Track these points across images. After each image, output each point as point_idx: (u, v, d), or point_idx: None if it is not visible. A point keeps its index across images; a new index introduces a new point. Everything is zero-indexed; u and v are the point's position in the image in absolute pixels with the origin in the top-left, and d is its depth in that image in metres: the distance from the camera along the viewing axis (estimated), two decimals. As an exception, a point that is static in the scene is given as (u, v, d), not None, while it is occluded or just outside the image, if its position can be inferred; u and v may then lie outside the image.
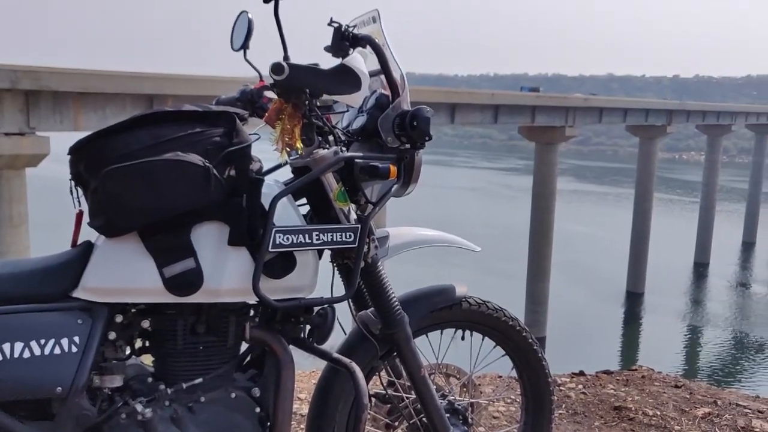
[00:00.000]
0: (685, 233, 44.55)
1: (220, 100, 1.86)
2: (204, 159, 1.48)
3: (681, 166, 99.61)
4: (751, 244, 48.72)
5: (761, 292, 37.63)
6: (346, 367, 1.73)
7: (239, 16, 1.74)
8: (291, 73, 1.49)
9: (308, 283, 1.65)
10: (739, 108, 53.82)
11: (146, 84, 15.11)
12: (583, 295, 34.03)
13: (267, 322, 1.70)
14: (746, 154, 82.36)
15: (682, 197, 67.14)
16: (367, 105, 1.80)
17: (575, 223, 47.37)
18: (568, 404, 3.07)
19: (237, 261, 1.55)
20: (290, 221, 1.61)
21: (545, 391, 2.15)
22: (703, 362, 27.52)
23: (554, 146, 30.20)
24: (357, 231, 1.66)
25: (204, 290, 1.52)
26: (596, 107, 34.85)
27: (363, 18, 1.84)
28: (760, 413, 3.09)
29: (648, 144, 37.24)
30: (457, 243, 2.03)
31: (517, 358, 2.13)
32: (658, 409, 3.06)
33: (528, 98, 30.76)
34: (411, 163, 1.76)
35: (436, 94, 26.86)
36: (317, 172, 1.65)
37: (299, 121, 1.60)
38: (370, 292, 1.82)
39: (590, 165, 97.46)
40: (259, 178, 1.58)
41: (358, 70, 1.56)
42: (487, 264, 38.08)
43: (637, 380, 3.47)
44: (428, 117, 1.68)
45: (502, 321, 2.05)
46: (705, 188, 44.60)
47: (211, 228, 1.54)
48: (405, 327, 1.84)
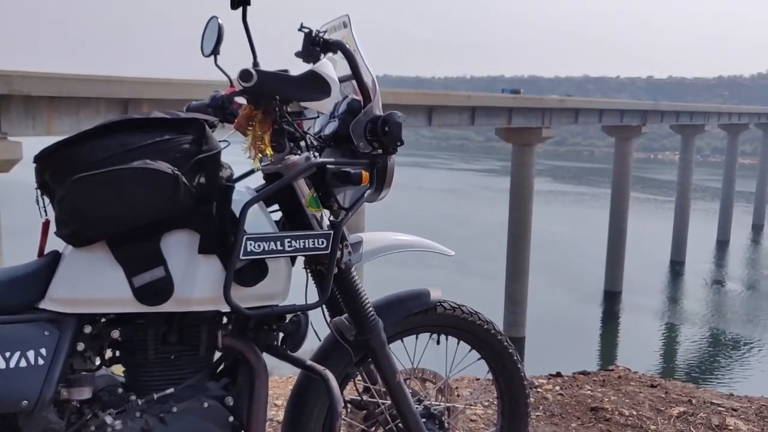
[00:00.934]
0: (661, 232, 45.04)
1: (191, 106, 1.84)
2: (173, 167, 1.46)
3: (656, 165, 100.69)
4: (726, 242, 49.38)
5: (736, 290, 38.14)
6: (319, 374, 1.72)
7: (209, 22, 1.72)
8: (259, 80, 1.48)
9: (281, 290, 1.64)
10: (712, 108, 54.55)
11: (121, 88, 14.97)
12: (562, 295, 34.25)
13: (240, 330, 1.68)
14: (719, 153, 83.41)
15: (658, 196, 67.84)
16: (338, 110, 1.79)
17: (553, 223, 47.68)
18: (545, 406, 3.08)
19: (208, 269, 1.53)
20: (262, 228, 1.59)
21: (521, 394, 2.16)
22: (680, 360, 27.82)
23: (531, 147, 30.39)
24: (329, 237, 1.65)
25: (174, 299, 1.51)
26: (572, 108, 35.14)
27: (334, 23, 1.83)
28: (734, 411, 3.12)
29: (623, 144, 37.60)
30: (432, 248, 2.02)
31: (492, 362, 2.13)
32: (634, 409, 3.08)
33: (504, 100, 30.96)
34: (384, 169, 1.76)
35: (413, 96, 26.94)
36: (289, 178, 1.64)
37: (270, 127, 1.59)
38: (344, 298, 1.81)
39: (567, 165, 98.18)
40: (229, 185, 1.56)
41: (327, 76, 1.55)
42: (466, 265, 38.21)
43: (613, 380, 3.49)
44: (400, 122, 1.68)
45: (477, 324, 2.05)
46: (680, 187, 45.11)
47: (181, 236, 1.52)
48: (379, 333, 1.83)
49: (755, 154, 74.07)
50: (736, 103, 78.85)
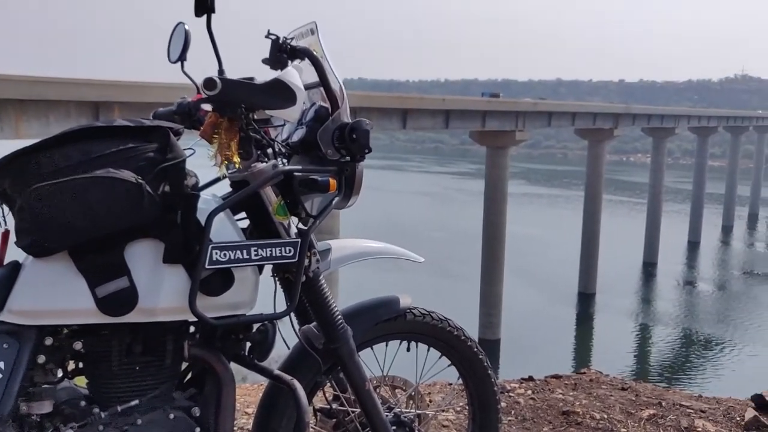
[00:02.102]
0: (633, 233, 45.57)
1: (157, 113, 1.81)
2: (137, 175, 1.43)
3: (628, 167, 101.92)
4: (697, 243, 50.11)
5: (707, 290, 38.70)
6: (287, 384, 1.70)
7: (176, 28, 1.70)
8: (224, 88, 1.46)
9: (248, 299, 1.62)
10: (682, 111, 55.38)
11: (92, 91, 14.79)
12: (536, 297, 34.49)
13: (207, 339, 1.66)
14: (690, 156, 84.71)
15: (630, 198, 68.64)
16: (306, 117, 1.78)
17: (527, 225, 48.01)
18: (517, 410, 3.09)
19: (173, 279, 1.51)
20: (228, 236, 1.57)
21: (491, 400, 2.16)
22: (654, 361, 28.14)
23: (505, 150, 30.59)
24: (297, 245, 1.64)
25: (139, 310, 1.48)
26: (545, 111, 35.45)
27: (301, 30, 1.82)
28: (702, 413, 3.15)
29: (596, 147, 38.01)
30: (401, 254, 2.02)
31: (462, 368, 2.12)
32: (605, 412, 3.10)
33: (478, 103, 31.14)
34: (352, 176, 1.75)
35: (388, 99, 26.99)
36: (255, 185, 1.62)
37: (236, 134, 1.57)
38: (313, 306, 1.80)
39: (541, 168, 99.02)
40: (194, 194, 1.54)
41: (292, 84, 1.53)
42: (441, 268, 38.32)
43: (585, 384, 3.51)
44: (367, 130, 1.67)
45: (447, 331, 2.04)
46: (651, 189, 45.70)
47: (145, 246, 1.50)
48: (348, 340, 1.82)
49: (724, 156, 75.42)
50: (705, 107, 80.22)
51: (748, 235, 57.34)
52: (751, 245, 53.46)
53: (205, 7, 1.50)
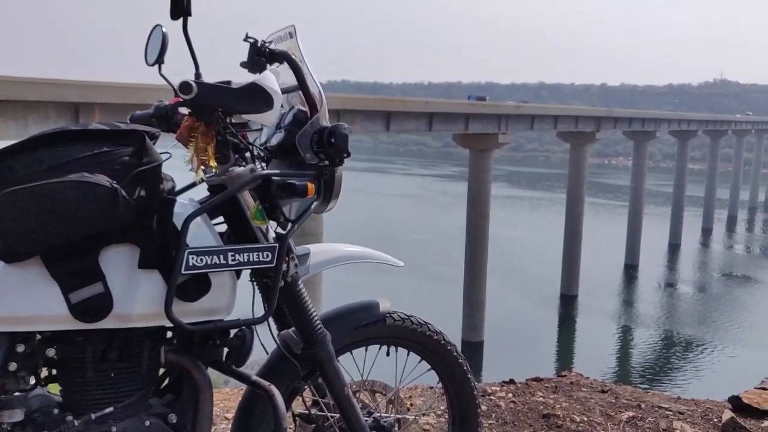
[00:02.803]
0: (615, 236, 45.92)
1: (134, 116, 1.79)
2: (112, 180, 1.41)
3: (610, 171, 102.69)
4: (677, 245, 50.60)
5: (688, 292, 39.07)
6: (264, 390, 1.69)
7: (153, 30, 1.68)
8: (199, 92, 1.45)
9: (225, 304, 1.60)
10: (663, 115, 55.94)
11: (72, 92, 14.66)
12: (519, 299, 34.65)
13: (184, 345, 1.64)
14: (670, 159, 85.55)
15: (612, 201, 69.15)
16: (285, 121, 1.76)
17: (510, 228, 48.28)
18: (498, 414, 3.09)
19: (148, 284, 1.49)
20: (205, 241, 1.56)
21: (471, 404, 2.15)
22: (635, 362, 28.35)
23: (488, 153, 30.73)
24: (275, 250, 1.62)
25: (114, 315, 1.46)
26: (528, 114, 35.64)
27: (280, 33, 1.81)
28: (681, 414, 3.17)
29: (578, 150, 38.28)
30: (381, 259, 2.01)
31: (442, 372, 2.12)
32: (585, 414, 3.11)
33: (461, 106, 31.26)
34: (331, 180, 1.73)
35: (372, 102, 27.03)
36: (233, 190, 1.61)
37: (213, 138, 1.55)
38: (291, 311, 1.78)
39: (523, 171, 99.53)
40: (170, 198, 1.52)
41: (269, 88, 1.52)
42: (425, 270, 38.38)
43: (565, 386, 3.52)
44: (346, 134, 1.66)
45: (427, 335, 2.04)
46: (633, 192, 46.10)
47: (120, 251, 1.48)
48: (327, 345, 1.81)
49: (704, 159, 76.28)
50: (685, 111, 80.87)
51: (727, 237, 57.98)
52: (730, 247, 54.05)
53: (181, 10, 1.49)
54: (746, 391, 3.29)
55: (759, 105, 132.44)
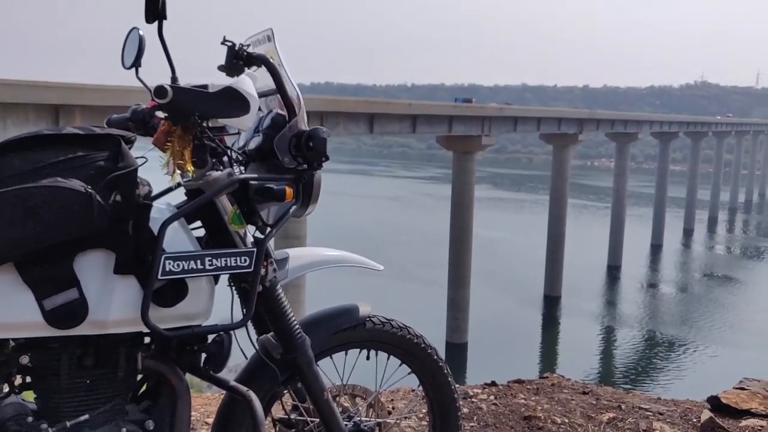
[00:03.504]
0: (598, 237, 46.23)
1: (111, 119, 1.78)
2: (86, 185, 1.40)
3: (593, 172, 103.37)
4: (659, 246, 51.02)
5: (670, 293, 39.39)
6: (243, 395, 1.68)
7: (130, 33, 1.67)
8: (175, 97, 1.44)
9: (202, 309, 1.59)
10: (645, 117, 56.42)
11: (52, 93, 14.52)
12: (503, 301, 34.77)
13: (162, 351, 1.63)
14: (652, 160, 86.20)
15: (595, 202, 69.64)
16: (263, 125, 1.76)
17: (494, 229, 48.44)
18: (479, 416, 3.10)
19: (125, 290, 1.48)
20: (182, 246, 1.55)
21: (451, 407, 2.15)
22: (618, 363, 28.54)
23: (471, 155, 30.82)
24: (252, 255, 1.61)
25: (89, 322, 1.44)
26: (511, 116, 35.80)
27: (258, 37, 1.80)
28: (660, 415, 3.20)
29: (561, 151, 38.49)
30: (360, 263, 2.00)
31: (422, 376, 2.12)
32: (566, 416, 3.12)
33: (445, 108, 31.34)
34: (310, 184, 1.73)
35: (355, 104, 27.01)
36: (210, 194, 1.60)
37: (190, 142, 1.54)
38: (270, 316, 1.78)
39: (507, 173, 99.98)
40: (146, 203, 1.51)
41: (245, 92, 1.51)
42: (409, 272, 38.42)
43: (547, 388, 3.53)
44: (324, 137, 1.66)
45: (407, 339, 2.04)
46: (615, 193, 46.44)
47: (96, 256, 1.47)
48: (306, 350, 1.80)
49: (685, 161, 76.97)
50: (667, 112, 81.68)
51: (708, 238, 58.54)
52: (711, 248, 54.57)
53: (156, 13, 1.48)
54: (725, 391, 3.32)
55: (738, 107, 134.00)
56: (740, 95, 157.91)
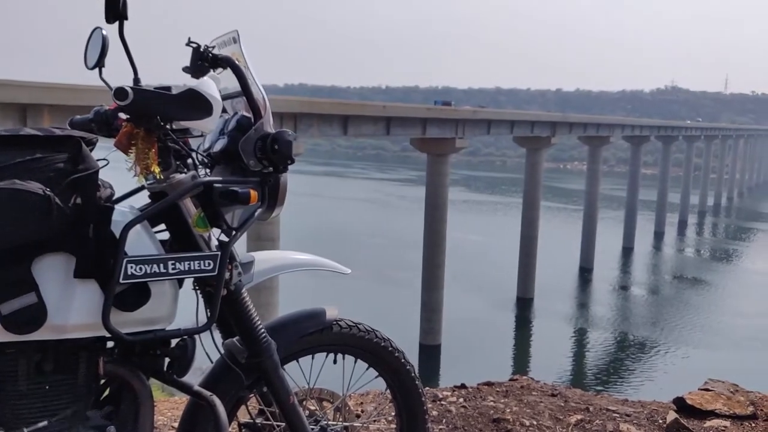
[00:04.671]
0: (570, 239, 46.62)
1: (74, 120, 1.75)
2: (45, 187, 1.38)
3: (565, 175, 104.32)
4: (630, 249, 51.61)
5: (640, 295, 39.86)
6: (206, 400, 1.66)
7: (93, 33, 1.64)
8: (135, 99, 1.42)
9: (165, 314, 1.58)
10: (616, 121, 57.01)
11: (20, 93, 14.28)
12: (476, 303, 34.91)
13: (125, 355, 1.61)
14: (624, 163, 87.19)
15: (567, 205, 70.27)
16: (228, 127, 1.74)
17: (467, 231, 48.62)
18: (448, 419, 3.10)
19: (85, 294, 1.46)
20: (145, 250, 1.53)
21: (419, 411, 2.16)
22: (590, 364, 28.79)
23: (445, 157, 30.92)
24: (217, 258, 1.60)
25: (48, 327, 1.42)
26: (485, 119, 35.98)
27: (223, 38, 1.79)
28: (627, 416, 3.23)
29: (534, 154, 38.76)
30: (327, 266, 2.00)
31: (390, 379, 2.12)
32: (534, 418, 3.14)
33: (419, 110, 31.40)
34: (275, 187, 1.72)
35: (329, 105, 26.97)
36: (173, 197, 1.58)
37: (153, 144, 1.53)
38: (235, 320, 1.76)
39: (480, 175, 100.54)
40: (108, 206, 1.49)
41: (208, 95, 1.50)
42: (383, 274, 38.46)
43: (516, 391, 3.55)
44: (290, 140, 1.65)
45: (374, 342, 2.03)
46: (588, 197, 46.89)
47: (55, 260, 1.44)
48: (272, 354, 1.79)
49: (656, 164, 77.97)
50: (638, 117, 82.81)
51: (678, 240, 59.37)
52: (681, 250, 55.36)
53: (117, 14, 1.46)
54: (690, 392, 3.36)
55: (708, 112, 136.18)
56: (709, 100, 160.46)
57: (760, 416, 3.24)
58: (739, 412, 3.23)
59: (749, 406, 3.28)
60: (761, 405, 3.36)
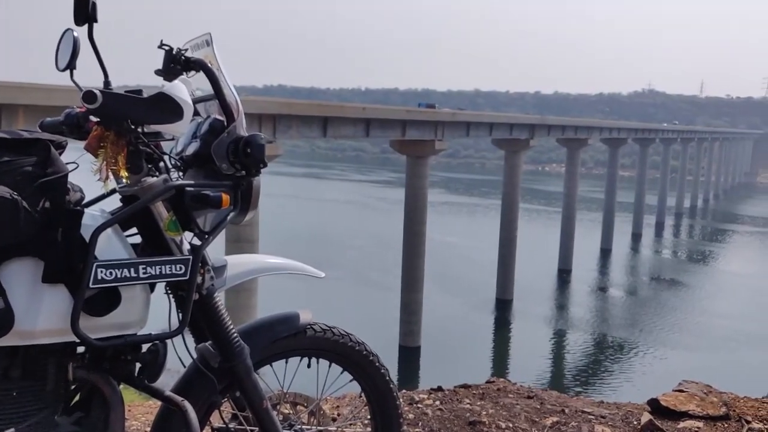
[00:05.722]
0: (549, 241, 46.90)
1: (45, 123, 1.73)
2: (12, 191, 1.36)
3: (544, 177, 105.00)
4: (608, 250, 52.03)
5: (618, 296, 40.19)
6: (177, 405, 1.65)
7: (64, 35, 1.63)
8: (105, 102, 1.41)
9: (136, 318, 1.56)
10: (594, 123, 57.45)
11: (-6, 93, 14.09)
12: (456, 304, 34.99)
13: (96, 360, 1.59)
14: (602, 166, 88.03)
15: (546, 207, 70.71)
16: (201, 130, 1.73)
17: (447, 233, 48.74)
18: (424, 422, 3.10)
19: (54, 299, 1.44)
20: (115, 254, 1.51)
21: (394, 414, 2.15)
22: (569, 365, 28.97)
23: (425, 159, 30.97)
24: (188, 262, 1.59)
25: (15, 332, 1.40)
26: (464, 122, 36.08)
27: (196, 41, 1.77)
28: (603, 418, 3.25)
29: (513, 157, 38.96)
30: (301, 270, 1.99)
31: (364, 383, 2.11)
32: (510, 421, 3.16)
33: (398, 112, 31.41)
34: (248, 190, 1.71)
35: (308, 107, 26.88)
36: (144, 200, 1.57)
37: (123, 148, 1.51)
38: (207, 324, 1.75)
39: (459, 177, 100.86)
40: (77, 210, 1.47)
41: (179, 98, 1.49)
42: (363, 276, 38.43)
43: (492, 393, 3.56)
44: (262, 144, 1.64)
45: (348, 346, 2.03)
46: (566, 198, 47.20)
47: (23, 265, 1.42)
48: (245, 359, 1.78)
49: (633, 166, 78.80)
50: (616, 119, 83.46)
51: (655, 242, 59.97)
52: (658, 252, 55.91)
53: (87, 16, 1.44)
54: (664, 394, 3.40)
55: (684, 115, 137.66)
56: (685, 103, 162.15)
57: (732, 417, 3.28)
58: (712, 413, 3.27)
59: (722, 407, 3.32)
60: (734, 406, 3.41)
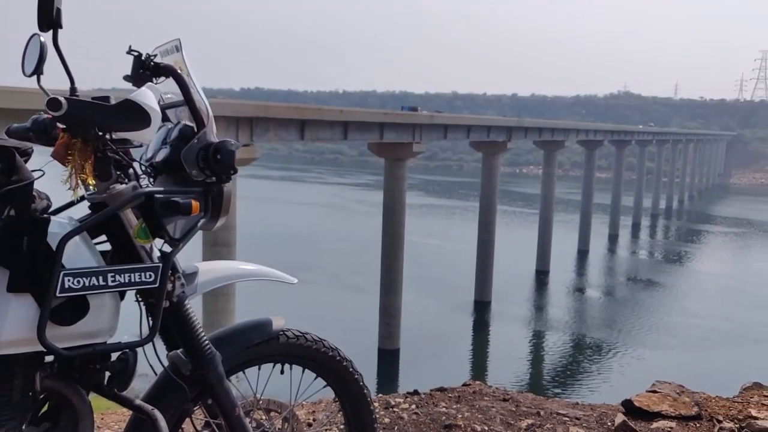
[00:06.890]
0: (526, 243, 47.18)
1: (11, 129, 1.71)
2: None
3: (521, 179, 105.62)
4: (585, 252, 52.47)
5: (596, 297, 40.53)
6: (147, 414, 1.64)
7: (31, 40, 1.61)
8: (70, 109, 1.39)
9: (105, 327, 1.55)
10: (571, 125, 57.88)
11: (-41, 96, 13.85)
12: (434, 307, 35.07)
13: (64, 370, 1.58)
14: (578, 168, 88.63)
15: (523, 209, 71.12)
16: (171, 136, 1.72)
17: (425, 236, 48.86)
18: (400, 426, 3.11)
19: (19, 309, 1.42)
20: (84, 262, 1.50)
21: (368, 419, 2.15)
22: (547, 366, 29.13)
23: (403, 162, 31.03)
24: (158, 270, 1.57)
25: None
26: (441, 124, 36.21)
27: (166, 47, 1.76)
28: (578, 420, 3.28)
29: (491, 159, 39.17)
30: (273, 276, 1.98)
31: (338, 388, 2.11)
32: (486, 424, 3.17)
33: (376, 115, 31.45)
34: (219, 196, 1.70)
35: (286, 110, 26.79)
36: (113, 208, 1.55)
37: (91, 155, 1.50)
38: (178, 331, 1.74)
39: (438, 179, 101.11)
40: (44, 218, 1.45)
41: (146, 105, 1.48)
42: (341, 279, 38.38)
43: (468, 396, 3.57)
44: (232, 150, 1.63)
45: (322, 352, 2.03)
46: (543, 200, 47.53)
47: None
48: (217, 366, 1.77)
49: (610, 168, 79.52)
50: (592, 121, 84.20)
51: (631, 243, 60.55)
52: (634, 253, 56.46)
53: (51, 22, 1.43)
54: (638, 395, 3.43)
55: (659, 117, 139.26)
56: (660, 105, 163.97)
57: (704, 417, 3.32)
58: (685, 413, 3.31)
59: (694, 407, 3.36)
60: (706, 406, 3.45)
